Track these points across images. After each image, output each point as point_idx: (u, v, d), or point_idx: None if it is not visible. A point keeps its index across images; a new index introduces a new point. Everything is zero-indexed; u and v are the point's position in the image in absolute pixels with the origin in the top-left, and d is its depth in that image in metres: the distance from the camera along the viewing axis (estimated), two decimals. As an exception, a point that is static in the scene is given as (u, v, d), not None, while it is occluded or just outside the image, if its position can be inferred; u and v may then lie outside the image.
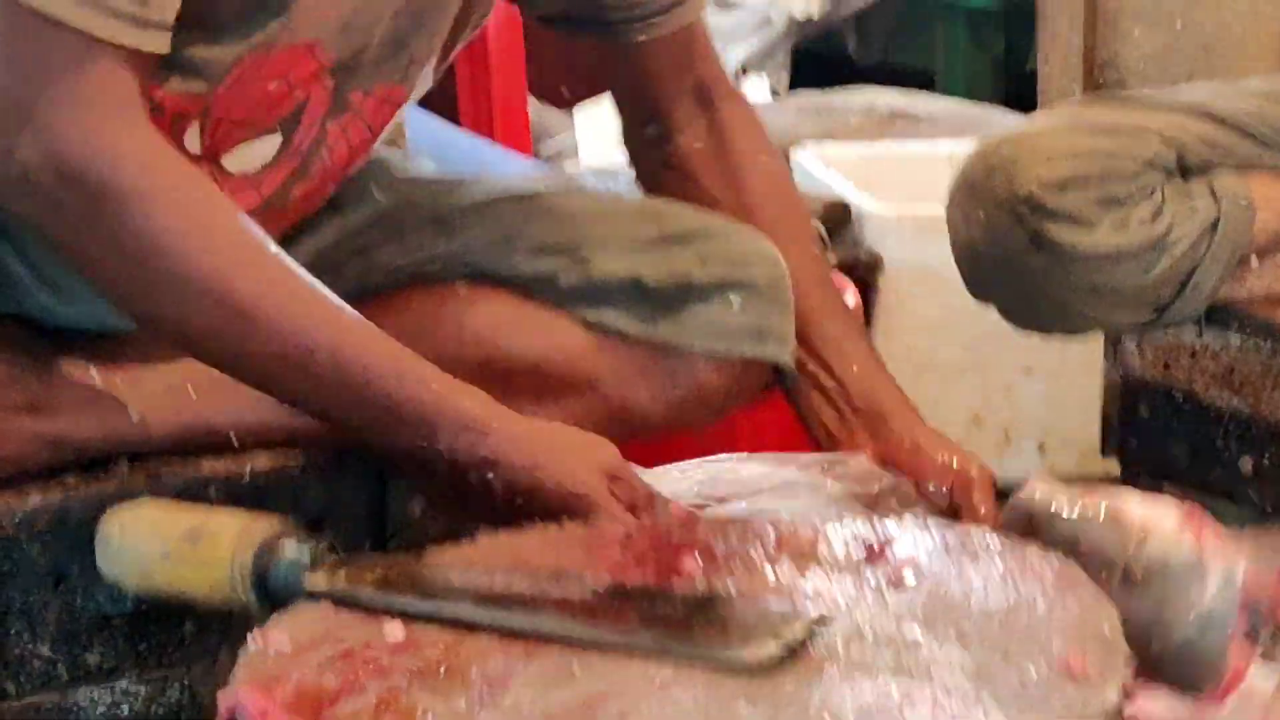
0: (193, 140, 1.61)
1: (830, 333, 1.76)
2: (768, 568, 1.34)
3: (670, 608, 1.28)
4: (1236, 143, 2.04)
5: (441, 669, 1.21)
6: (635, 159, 1.87)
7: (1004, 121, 3.41)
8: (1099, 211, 1.97)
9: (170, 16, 1.48)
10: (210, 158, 1.62)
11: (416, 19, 1.67)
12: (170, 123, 1.57)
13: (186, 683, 1.65)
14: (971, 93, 4.00)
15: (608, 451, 1.53)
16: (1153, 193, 1.99)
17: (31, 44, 1.44)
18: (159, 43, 1.47)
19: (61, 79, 1.44)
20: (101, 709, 1.63)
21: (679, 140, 1.83)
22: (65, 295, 1.66)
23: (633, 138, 1.87)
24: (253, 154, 1.64)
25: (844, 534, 1.39)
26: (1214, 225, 2.01)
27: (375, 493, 1.70)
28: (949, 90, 4.05)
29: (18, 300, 1.66)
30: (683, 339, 1.72)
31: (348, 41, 1.63)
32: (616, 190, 1.92)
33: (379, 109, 1.70)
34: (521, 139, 3.77)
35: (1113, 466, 2.34)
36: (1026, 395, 2.70)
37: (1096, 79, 3.46)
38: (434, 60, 1.73)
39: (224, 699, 1.20)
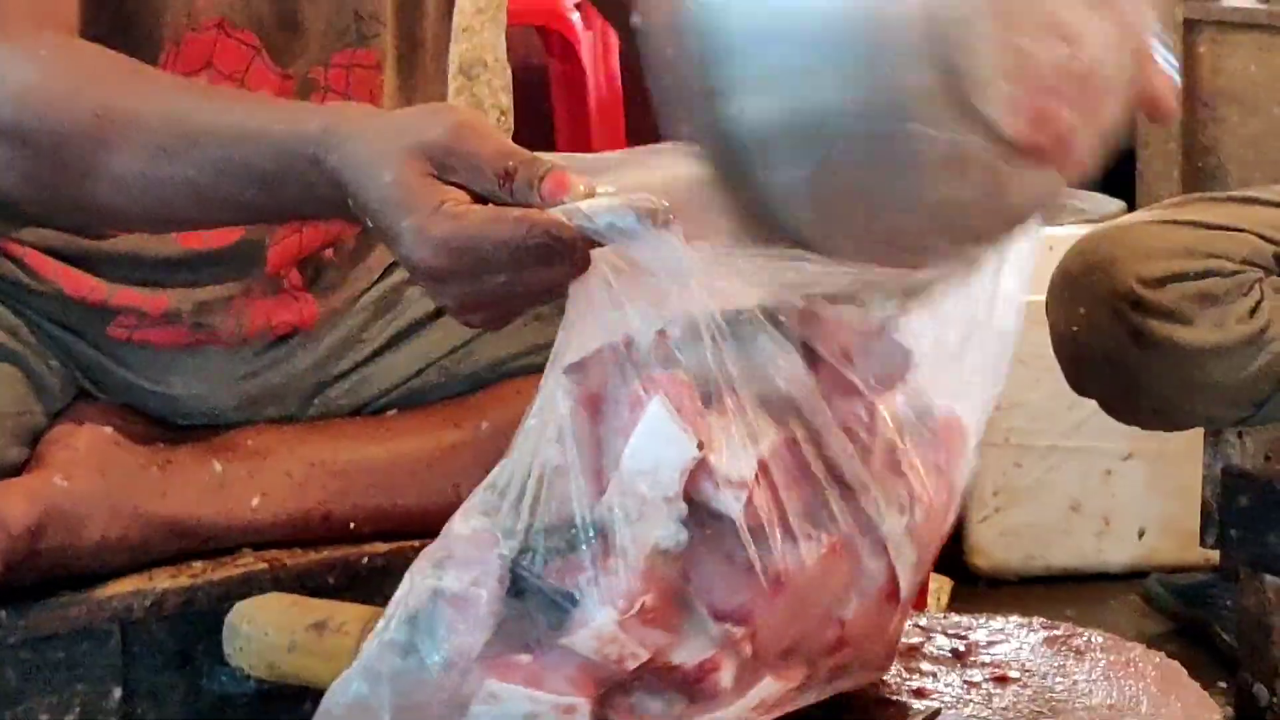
0: None
1: None
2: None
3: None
4: (1334, 239, 2.06)
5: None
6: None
7: (1103, 206, 3.43)
8: (1197, 308, 1.97)
9: None
10: None
11: None
12: None
13: (304, 762, 1.68)
14: (1068, 173, 4.00)
15: (437, 122, 1.20)
16: (1250, 289, 2.00)
17: None
18: None
19: None
20: (221, 787, 1.66)
21: None
22: (180, 402, 1.69)
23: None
24: None
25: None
26: (1312, 321, 2.02)
27: (489, 580, 1.72)
28: (1046, 170, 4.05)
29: (138, 398, 1.69)
30: None
31: (261, 17, 1.60)
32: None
33: (349, 77, 1.65)
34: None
35: (1213, 556, 2.34)
36: (1126, 482, 2.70)
37: (1195, 163, 3.47)
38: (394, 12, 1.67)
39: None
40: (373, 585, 1.64)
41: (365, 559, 1.67)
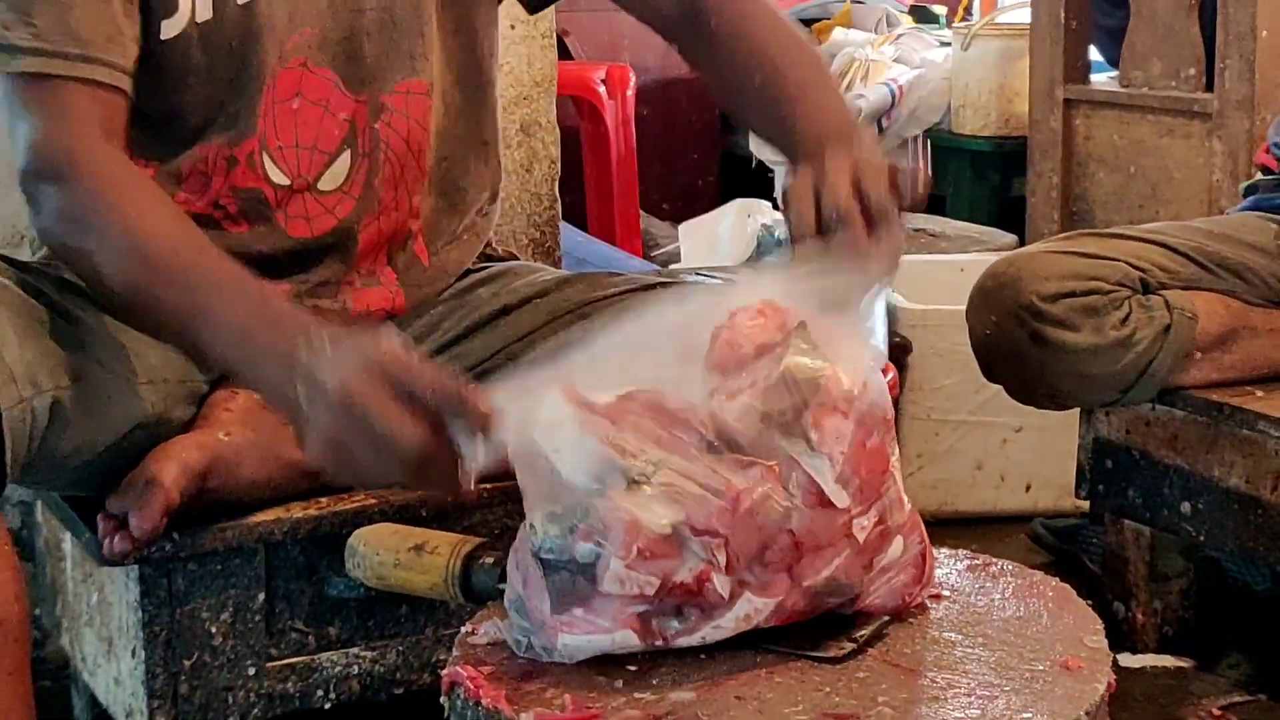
0: (278, 173, 1.61)
1: (795, 77, 1.50)
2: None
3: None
4: (1185, 267, 2.04)
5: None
6: (679, 48, 1.63)
7: (1000, 239, 3.42)
8: (1082, 318, 1.97)
9: (118, 58, 1.46)
10: (304, 186, 1.62)
11: (389, 20, 1.62)
12: (246, 164, 1.58)
13: (402, 649, 1.66)
14: (973, 214, 3.99)
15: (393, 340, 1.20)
16: (1121, 304, 1.99)
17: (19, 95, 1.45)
18: (108, 75, 1.46)
19: (37, 112, 1.43)
20: (338, 669, 1.64)
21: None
22: None
23: (667, 34, 1.63)
24: (336, 172, 1.63)
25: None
26: (1167, 329, 2.00)
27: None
28: (956, 211, 4.04)
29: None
30: None
31: (334, 56, 1.60)
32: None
33: (408, 101, 1.65)
34: (635, 245, 3.80)
35: (1084, 505, 2.34)
36: (1018, 448, 2.69)
37: (1070, 208, 3.46)
38: (445, 46, 1.66)
39: (446, 675, 1.20)
40: (454, 518, 1.65)
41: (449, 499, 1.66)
